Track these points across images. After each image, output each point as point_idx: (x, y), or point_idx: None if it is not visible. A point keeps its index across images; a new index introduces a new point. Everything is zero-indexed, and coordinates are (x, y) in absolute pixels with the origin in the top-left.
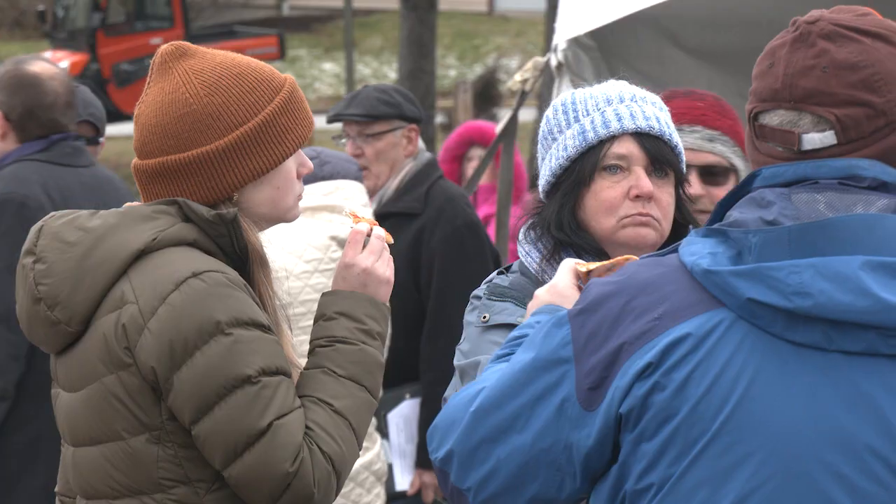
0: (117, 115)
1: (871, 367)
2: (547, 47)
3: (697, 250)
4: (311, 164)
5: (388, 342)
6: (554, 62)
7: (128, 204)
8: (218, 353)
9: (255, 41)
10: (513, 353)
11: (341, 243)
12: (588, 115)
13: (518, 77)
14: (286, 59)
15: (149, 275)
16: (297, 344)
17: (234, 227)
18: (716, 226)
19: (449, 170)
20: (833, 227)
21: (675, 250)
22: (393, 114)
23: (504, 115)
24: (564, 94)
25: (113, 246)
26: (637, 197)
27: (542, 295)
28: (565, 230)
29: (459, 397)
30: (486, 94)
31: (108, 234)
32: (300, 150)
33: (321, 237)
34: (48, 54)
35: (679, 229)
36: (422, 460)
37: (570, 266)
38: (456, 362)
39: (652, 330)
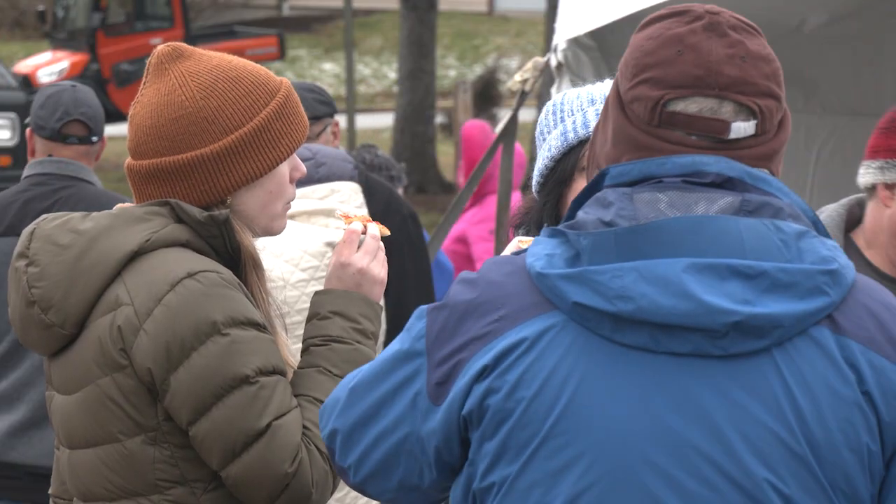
0: (117, 116)
1: (699, 369)
2: (547, 47)
3: (538, 251)
4: (304, 168)
5: (381, 339)
6: (554, 62)
7: (120, 205)
8: (215, 353)
9: (254, 41)
10: None
11: None
12: (571, 115)
13: (518, 77)
14: (286, 59)
15: (143, 276)
16: (294, 352)
17: (226, 228)
18: (560, 226)
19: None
20: (659, 230)
21: None
22: (329, 112)
23: (504, 116)
24: (558, 94)
25: (106, 248)
26: None
27: None
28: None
29: (347, 376)
30: (486, 95)
31: (101, 236)
32: (294, 154)
33: (317, 244)
34: (48, 55)
35: None
36: None
37: (514, 243)
38: None
39: (492, 332)
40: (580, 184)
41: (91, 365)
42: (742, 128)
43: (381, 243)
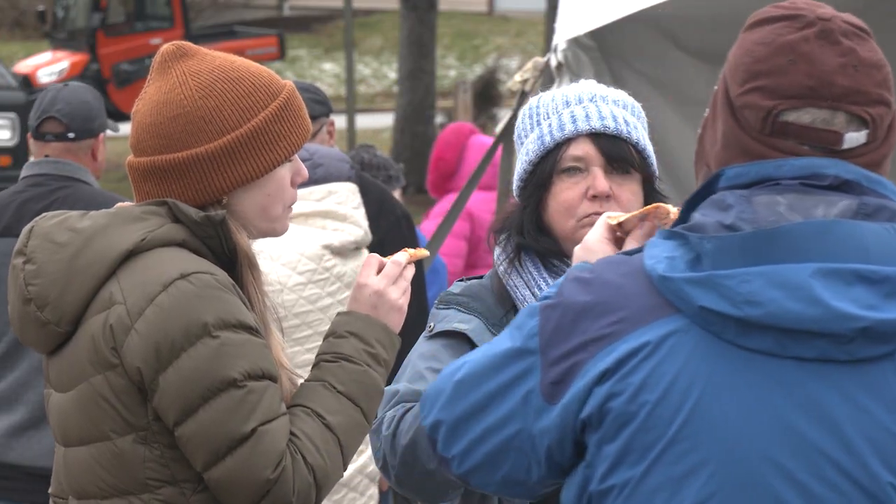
0: (117, 116)
1: (825, 374)
2: (547, 47)
3: (657, 253)
4: (306, 172)
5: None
6: (554, 62)
7: (119, 204)
8: (204, 355)
9: (255, 41)
10: None
11: (335, 251)
12: (547, 118)
13: (518, 77)
14: (286, 59)
15: (137, 275)
16: (291, 355)
17: (223, 229)
18: (677, 228)
19: None
20: (785, 235)
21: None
22: (324, 111)
23: (504, 116)
24: (535, 97)
25: (102, 247)
26: (594, 197)
27: (577, 252)
28: (525, 234)
29: (449, 368)
30: (486, 95)
31: (97, 235)
32: (296, 157)
33: (314, 246)
34: (48, 55)
35: None
36: None
37: (602, 220)
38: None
39: (612, 334)
40: (559, 187)
41: (85, 363)
42: (854, 138)
43: (409, 273)
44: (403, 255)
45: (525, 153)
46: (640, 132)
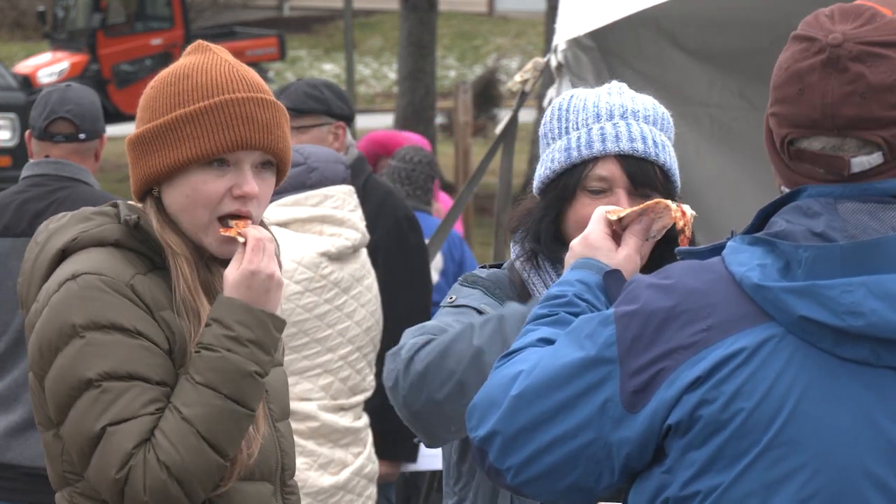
0: (118, 116)
1: None
2: (547, 48)
3: (745, 260)
4: (251, 188)
5: (377, 345)
6: (554, 63)
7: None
8: (70, 355)
9: (255, 42)
10: (553, 315)
11: (332, 258)
12: (577, 129)
13: (518, 78)
14: (286, 59)
15: (55, 276)
16: (289, 362)
17: (140, 231)
18: (763, 234)
19: None
20: (885, 246)
21: (718, 252)
22: (320, 109)
23: (504, 116)
24: (565, 94)
25: (50, 246)
26: None
27: (575, 247)
28: (541, 243)
29: (497, 377)
30: (486, 95)
31: (54, 235)
32: (244, 169)
33: (311, 254)
34: (48, 55)
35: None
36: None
37: (600, 215)
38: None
39: (700, 342)
40: (582, 203)
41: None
42: (865, 161)
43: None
44: (255, 230)
45: (550, 159)
46: (667, 151)
